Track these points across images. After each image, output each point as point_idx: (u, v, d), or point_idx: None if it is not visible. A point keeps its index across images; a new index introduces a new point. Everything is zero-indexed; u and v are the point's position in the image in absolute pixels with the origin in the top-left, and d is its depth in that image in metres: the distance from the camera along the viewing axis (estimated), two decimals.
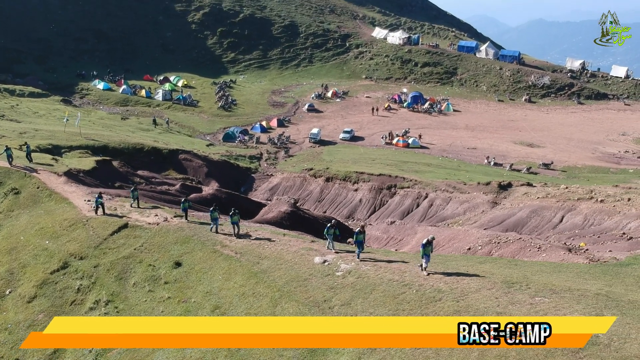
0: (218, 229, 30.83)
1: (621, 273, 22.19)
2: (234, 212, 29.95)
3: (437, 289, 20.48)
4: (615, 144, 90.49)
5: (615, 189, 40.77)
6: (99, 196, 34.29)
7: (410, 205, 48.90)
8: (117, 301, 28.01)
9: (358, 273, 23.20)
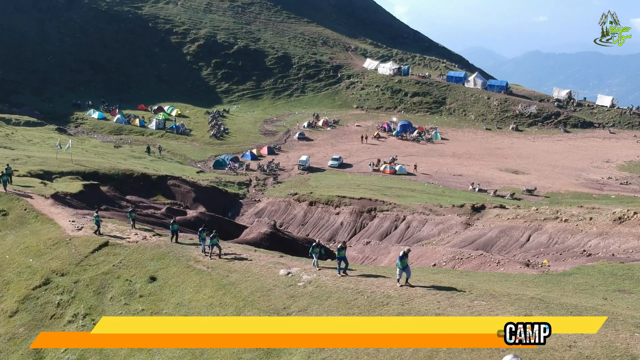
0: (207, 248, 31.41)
1: (563, 281, 23.60)
2: (214, 234, 31.11)
3: (386, 295, 21.91)
4: (599, 171, 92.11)
5: (579, 209, 42.34)
6: (96, 215, 35.74)
7: (389, 228, 50.42)
8: (94, 314, 29.25)
9: (317, 283, 24.62)
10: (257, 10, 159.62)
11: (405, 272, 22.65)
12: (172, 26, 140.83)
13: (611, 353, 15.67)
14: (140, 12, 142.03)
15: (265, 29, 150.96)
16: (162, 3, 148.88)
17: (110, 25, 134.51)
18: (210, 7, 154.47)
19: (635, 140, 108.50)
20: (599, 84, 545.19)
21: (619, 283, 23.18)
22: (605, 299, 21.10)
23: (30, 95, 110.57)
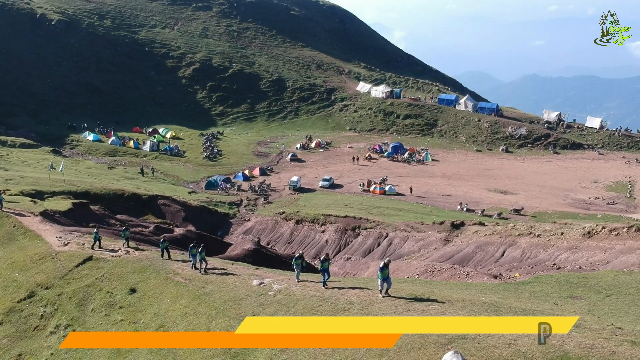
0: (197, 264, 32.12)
1: (520, 289, 24.69)
2: (202, 249, 32.10)
3: (349, 302, 23.00)
4: (587, 191, 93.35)
5: (552, 225, 43.44)
6: (96, 232, 36.81)
7: (372, 245, 51.50)
8: (75, 325, 30.24)
9: (287, 292, 25.70)
10: (253, 34, 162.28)
11: (386, 282, 23.19)
12: (168, 50, 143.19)
13: (546, 350, 16.70)
14: (137, 36, 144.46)
15: (260, 53, 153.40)
16: (158, 28, 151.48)
17: (107, 49, 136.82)
18: (206, 31, 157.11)
19: (624, 161, 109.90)
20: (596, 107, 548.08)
21: (572, 290, 24.28)
22: (555, 304, 22.17)
23: (26, 117, 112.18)
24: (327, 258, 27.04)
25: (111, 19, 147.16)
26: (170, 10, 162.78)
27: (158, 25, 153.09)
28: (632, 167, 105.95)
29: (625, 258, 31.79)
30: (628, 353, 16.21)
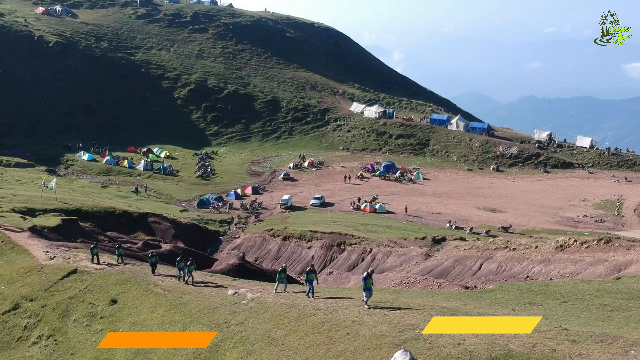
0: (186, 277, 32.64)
1: (482, 297, 25.62)
2: (191, 262, 32.93)
3: (315, 308, 23.93)
4: (575, 209, 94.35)
5: (527, 239, 44.40)
6: (94, 247, 37.60)
7: (356, 260, 52.43)
8: (57, 335, 31.09)
9: (259, 300, 26.63)
10: (248, 56, 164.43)
11: (368, 292, 23.37)
12: (164, 72, 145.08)
13: (491, 348, 17.66)
14: (134, 58, 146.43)
15: (255, 74, 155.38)
16: (155, 50, 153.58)
17: (104, 70, 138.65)
18: (202, 53, 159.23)
19: (613, 180, 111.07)
20: (594, 127, 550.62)
21: (532, 297, 25.23)
22: (513, 310, 23.10)
23: (22, 137, 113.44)
24: (312, 269, 27.22)
25: (108, 40, 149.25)
26: (167, 33, 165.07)
27: (154, 47, 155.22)
28: (621, 186, 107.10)
29: (593, 269, 32.75)
30: (567, 350, 17.16)
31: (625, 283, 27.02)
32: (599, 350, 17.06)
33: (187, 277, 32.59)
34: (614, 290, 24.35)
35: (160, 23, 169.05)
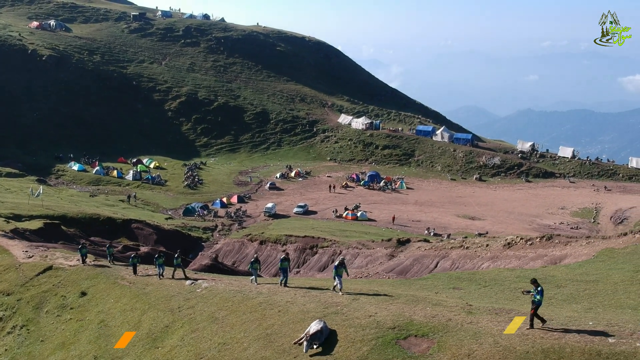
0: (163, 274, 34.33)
1: (414, 283, 27.96)
2: (178, 255, 35.01)
3: (259, 292, 26.32)
4: (553, 217, 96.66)
5: (481, 239, 46.80)
6: (83, 247, 39.48)
7: (327, 261, 54.70)
8: (30, 325, 33.40)
9: (211, 288, 28.98)
10: (239, 69, 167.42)
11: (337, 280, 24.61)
12: (155, 84, 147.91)
13: (396, 319, 20.05)
14: (125, 71, 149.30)
15: (245, 87, 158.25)
16: (146, 63, 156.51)
17: (96, 83, 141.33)
18: (193, 66, 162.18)
19: (593, 189, 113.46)
20: (591, 140, 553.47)
21: (457, 283, 27.60)
22: (436, 293, 25.48)
23: (14, 148, 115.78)
24: (286, 257, 28.35)
25: (101, 54, 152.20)
26: (159, 46, 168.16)
27: (146, 60, 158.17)
28: (600, 195, 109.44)
29: (533, 263, 35.10)
30: (461, 319, 19.58)
31: (544, 271, 29.42)
32: (488, 319, 19.45)
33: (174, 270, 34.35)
34: (531, 277, 26.62)
35: (152, 37, 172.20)
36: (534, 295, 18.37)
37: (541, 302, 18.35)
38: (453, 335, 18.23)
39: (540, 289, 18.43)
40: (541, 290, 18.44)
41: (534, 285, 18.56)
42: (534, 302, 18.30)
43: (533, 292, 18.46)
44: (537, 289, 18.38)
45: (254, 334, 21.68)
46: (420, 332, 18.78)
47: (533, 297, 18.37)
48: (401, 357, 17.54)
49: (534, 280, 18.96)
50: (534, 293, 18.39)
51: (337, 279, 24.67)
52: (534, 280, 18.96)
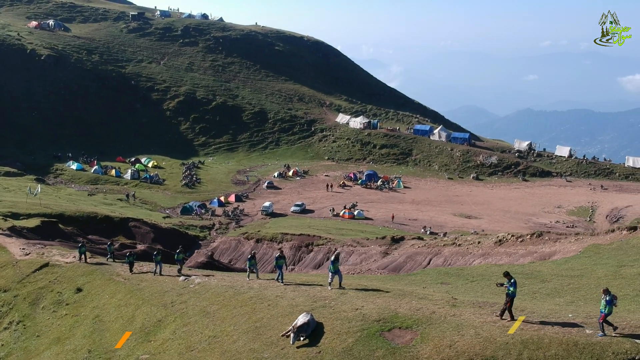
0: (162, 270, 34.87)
1: (403, 279, 28.51)
2: (180, 250, 35.43)
3: (250, 287, 26.85)
4: (549, 216, 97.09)
5: (473, 236, 47.32)
6: (82, 245, 39.90)
7: (322, 259, 55.19)
8: (26, 321, 33.87)
9: (204, 284, 29.47)
10: (237, 69, 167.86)
11: (337, 275, 24.94)
12: (154, 84, 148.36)
13: (382, 311, 20.52)
14: (124, 71, 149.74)
15: (243, 87, 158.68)
16: (145, 62, 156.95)
17: (95, 83, 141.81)
18: (191, 66, 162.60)
19: (589, 188, 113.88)
20: (591, 140, 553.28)
21: (444, 278, 28.11)
22: (424, 288, 25.96)
23: (13, 148, 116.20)
24: (282, 255, 28.80)
25: (99, 54, 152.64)
26: (157, 46, 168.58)
27: (145, 60, 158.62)
28: (597, 193, 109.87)
29: (523, 260, 35.59)
30: (444, 312, 20.06)
31: (531, 266, 29.91)
32: (471, 312, 19.94)
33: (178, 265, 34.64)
34: (518, 272, 27.17)
35: (151, 37, 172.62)
36: (508, 287, 18.87)
37: (515, 294, 18.87)
38: (436, 327, 18.71)
39: (513, 281, 18.94)
40: (514, 282, 18.95)
41: (507, 278, 19.08)
42: (508, 295, 18.82)
43: (506, 285, 18.96)
44: (510, 281, 18.88)
45: (244, 327, 22.17)
46: (404, 325, 19.26)
47: (507, 289, 18.88)
48: (385, 348, 18.01)
49: (506, 273, 19.51)
50: (508, 285, 18.89)
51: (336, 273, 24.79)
52: (506, 273, 19.51)
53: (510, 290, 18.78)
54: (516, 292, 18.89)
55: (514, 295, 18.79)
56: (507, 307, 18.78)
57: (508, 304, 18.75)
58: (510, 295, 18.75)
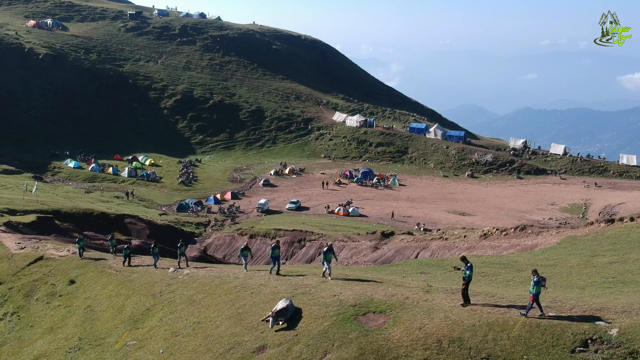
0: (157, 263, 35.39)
1: (386, 269, 29.37)
2: (181, 244, 36.14)
3: (235, 277, 27.74)
4: (543, 213, 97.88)
5: (460, 230, 48.26)
6: (80, 240, 40.51)
7: (314, 254, 56.11)
8: (20, 312, 34.72)
9: (192, 274, 30.35)
10: (234, 67, 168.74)
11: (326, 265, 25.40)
12: (152, 82, 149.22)
13: (358, 297, 21.39)
14: (122, 69, 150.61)
15: (240, 85, 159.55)
16: (143, 61, 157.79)
17: (92, 82, 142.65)
18: (189, 64, 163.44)
19: (584, 185, 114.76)
20: (591, 139, 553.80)
21: (424, 268, 29.02)
22: (403, 277, 26.83)
23: (11, 146, 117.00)
24: (277, 245, 28.84)
25: (97, 53, 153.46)
26: (155, 45, 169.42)
27: (143, 58, 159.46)
28: (590, 191, 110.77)
29: (506, 252, 36.51)
30: (418, 297, 20.94)
31: (509, 257, 30.80)
32: (442, 297, 20.83)
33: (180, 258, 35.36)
34: (495, 262, 28.07)
35: (149, 36, 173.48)
36: (464, 271, 19.75)
37: (471, 278, 19.76)
38: (408, 312, 19.58)
39: (469, 265, 19.82)
40: (470, 266, 19.83)
41: (464, 262, 19.96)
42: (464, 278, 19.70)
43: (463, 269, 19.83)
44: (467, 265, 19.75)
45: (227, 313, 23.06)
46: (378, 309, 20.13)
47: (463, 273, 19.76)
48: (358, 331, 18.87)
49: (463, 257, 20.42)
50: (464, 269, 19.77)
51: (326, 264, 25.47)
52: (463, 257, 20.42)
53: (467, 274, 19.64)
54: (472, 276, 19.77)
55: (469, 279, 19.66)
56: (462, 290, 19.67)
57: (464, 287, 19.64)
58: (466, 279, 19.62)
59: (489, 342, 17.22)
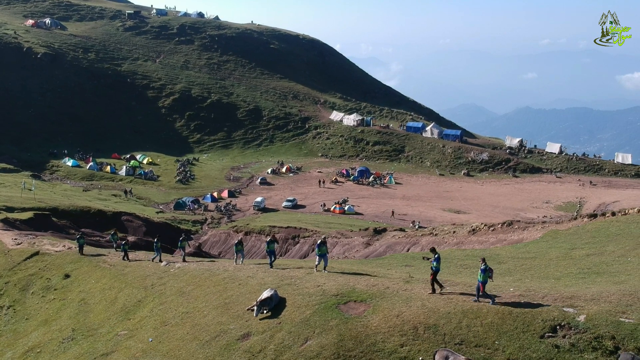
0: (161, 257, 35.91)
1: (372, 262, 30.15)
2: (183, 239, 36.93)
3: (224, 269, 28.49)
4: (537, 211, 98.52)
5: (449, 226, 49.08)
6: (80, 237, 40.89)
7: (307, 250, 56.80)
8: (16, 305, 35.50)
9: (183, 268, 31.12)
10: (232, 67, 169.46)
11: (323, 259, 25.94)
12: (150, 81, 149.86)
13: (341, 287, 22.13)
14: (120, 68, 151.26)
15: (238, 84, 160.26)
16: (141, 60, 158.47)
17: (91, 81, 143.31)
18: (187, 64, 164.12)
19: (579, 184, 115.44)
20: (590, 138, 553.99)
21: (409, 261, 29.79)
22: (388, 269, 27.56)
23: (9, 145, 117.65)
24: (273, 239, 29.84)
25: (95, 52, 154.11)
26: (153, 44, 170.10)
27: (141, 58, 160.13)
28: (585, 189, 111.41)
29: (493, 247, 37.27)
30: (398, 287, 21.69)
31: (491, 250, 31.57)
32: (422, 287, 21.58)
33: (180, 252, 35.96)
34: (478, 255, 28.70)
35: (147, 35, 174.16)
36: (432, 262, 20.52)
37: (439, 269, 20.58)
38: (388, 300, 20.32)
39: (437, 256, 20.63)
40: (438, 258, 20.64)
41: (433, 253, 20.74)
42: (432, 269, 20.51)
43: (431, 259, 20.61)
44: (435, 256, 20.53)
45: (214, 303, 23.81)
46: (359, 298, 20.88)
47: (431, 263, 20.55)
48: (338, 319, 19.61)
49: (432, 249, 21.27)
50: (432, 260, 20.55)
51: (321, 257, 25.83)
52: (432, 249, 21.27)
53: (434, 264, 20.42)
54: (440, 267, 20.58)
55: (437, 270, 20.47)
56: (431, 280, 20.47)
57: (432, 277, 20.43)
58: (433, 269, 20.42)
59: (462, 329, 17.95)
